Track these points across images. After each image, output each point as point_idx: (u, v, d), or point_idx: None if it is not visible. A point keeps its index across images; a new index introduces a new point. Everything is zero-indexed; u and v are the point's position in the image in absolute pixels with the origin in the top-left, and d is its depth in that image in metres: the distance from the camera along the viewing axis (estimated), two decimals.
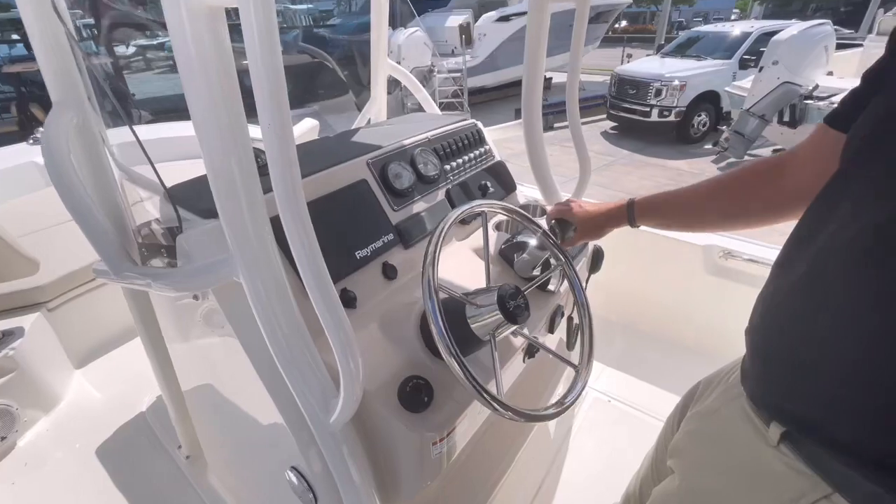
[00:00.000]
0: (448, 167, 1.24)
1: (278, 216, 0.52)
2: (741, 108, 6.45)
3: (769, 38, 6.28)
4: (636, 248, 2.01)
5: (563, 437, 1.64)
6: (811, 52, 5.91)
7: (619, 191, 6.37)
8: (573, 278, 0.96)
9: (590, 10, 1.32)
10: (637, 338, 2.12)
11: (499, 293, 0.73)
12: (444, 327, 0.66)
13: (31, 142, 2.69)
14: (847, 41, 8.18)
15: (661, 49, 10.62)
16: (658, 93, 8.01)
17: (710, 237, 1.89)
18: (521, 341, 0.94)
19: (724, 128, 7.33)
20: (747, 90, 6.38)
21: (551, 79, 10.83)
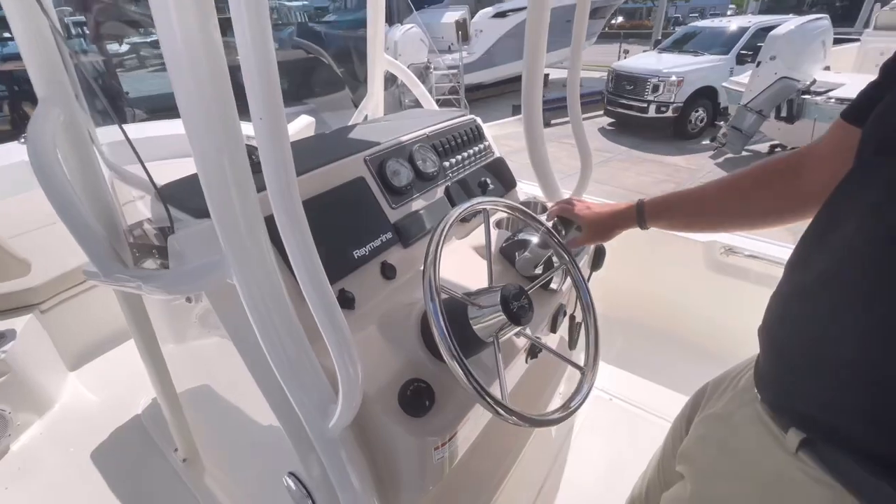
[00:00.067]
0: (447, 164, 1.22)
1: (273, 215, 0.50)
2: (738, 103, 6.44)
3: (766, 33, 6.28)
4: (636, 244, 1.99)
5: (565, 436, 1.63)
6: (809, 46, 5.90)
7: (617, 187, 6.36)
8: (579, 279, 0.93)
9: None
10: (637, 335, 2.11)
11: (502, 293, 0.71)
12: (446, 329, 0.64)
13: (22, 141, 2.66)
14: (843, 36, 8.18)
15: (657, 45, 10.61)
16: (655, 89, 8.01)
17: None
18: (523, 341, 0.92)
19: (721, 123, 7.33)
20: (745, 85, 6.37)
21: (548, 75, 10.78)
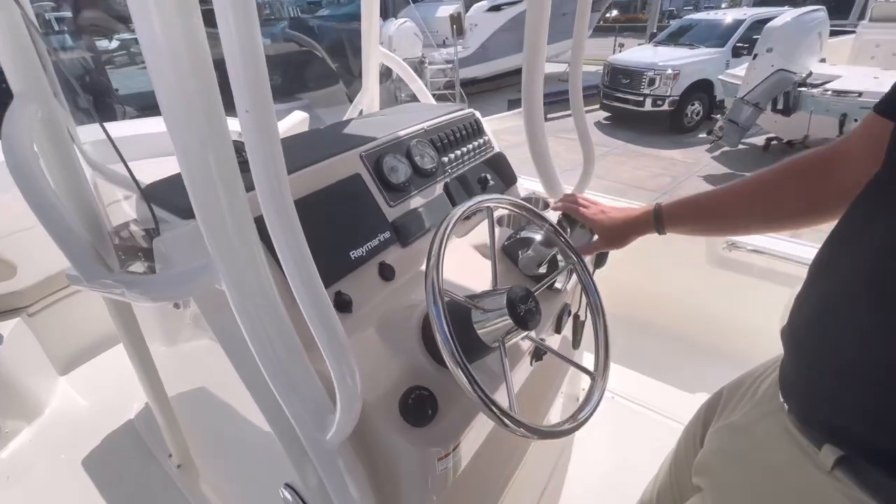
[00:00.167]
0: (446, 159, 1.18)
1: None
2: (735, 96, 6.41)
3: (762, 25, 6.24)
4: (637, 239, 1.96)
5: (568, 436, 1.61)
6: (805, 38, 5.87)
7: (614, 181, 6.34)
8: (587, 281, 0.90)
9: None
10: (640, 332, 2.08)
11: (508, 296, 0.67)
12: (450, 336, 0.60)
13: None
14: (838, 28, 8.15)
15: (653, 38, 10.57)
16: (651, 82, 7.98)
17: None
18: (527, 344, 0.89)
19: (717, 116, 7.29)
20: (741, 78, 6.34)
21: None
